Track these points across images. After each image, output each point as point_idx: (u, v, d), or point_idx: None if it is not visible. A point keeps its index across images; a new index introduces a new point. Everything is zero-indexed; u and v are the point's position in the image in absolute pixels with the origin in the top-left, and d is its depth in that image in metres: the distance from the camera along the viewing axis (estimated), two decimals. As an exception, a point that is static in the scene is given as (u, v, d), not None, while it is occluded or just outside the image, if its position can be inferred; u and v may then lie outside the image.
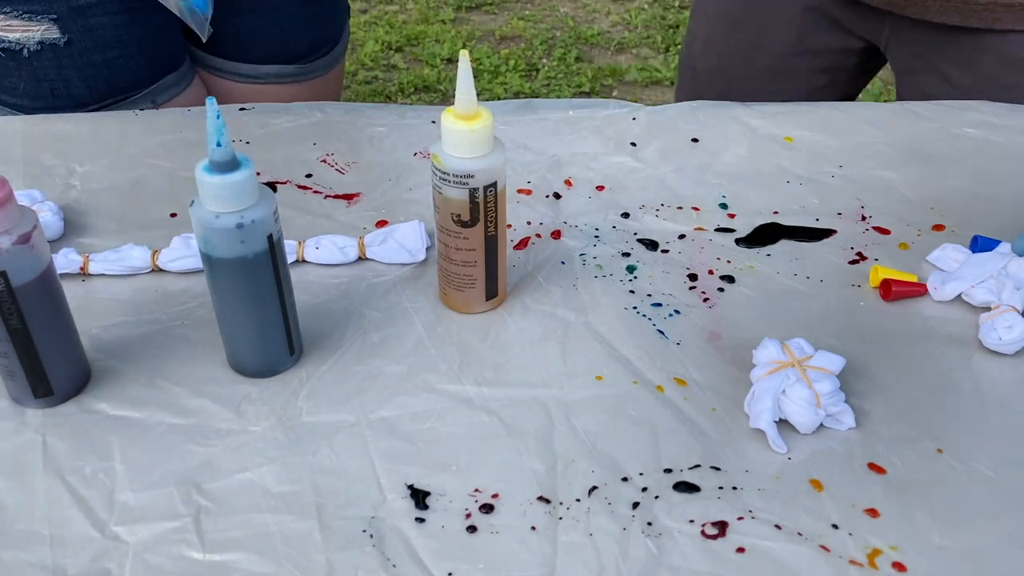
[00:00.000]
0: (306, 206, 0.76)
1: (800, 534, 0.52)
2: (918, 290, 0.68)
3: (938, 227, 0.74)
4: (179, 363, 0.62)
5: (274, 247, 0.56)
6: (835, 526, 0.53)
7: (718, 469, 0.56)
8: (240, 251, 0.55)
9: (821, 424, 0.58)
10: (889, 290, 0.67)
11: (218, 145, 0.52)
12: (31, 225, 0.54)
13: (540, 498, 0.54)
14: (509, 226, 0.74)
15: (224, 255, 0.55)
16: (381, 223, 0.75)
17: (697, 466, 0.56)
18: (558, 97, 2.39)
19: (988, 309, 0.65)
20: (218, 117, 0.51)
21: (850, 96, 1.07)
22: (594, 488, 0.55)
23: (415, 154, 0.83)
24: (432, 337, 0.65)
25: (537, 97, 2.37)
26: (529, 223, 0.75)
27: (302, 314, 0.65)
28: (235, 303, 0.58)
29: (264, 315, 0.58)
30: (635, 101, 0.92)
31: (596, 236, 0.74)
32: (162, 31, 0.91)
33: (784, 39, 0.99)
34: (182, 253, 0.69)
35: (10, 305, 0.54)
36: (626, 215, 0.76)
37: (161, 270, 0.69)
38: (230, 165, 0.53)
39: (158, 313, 0.66)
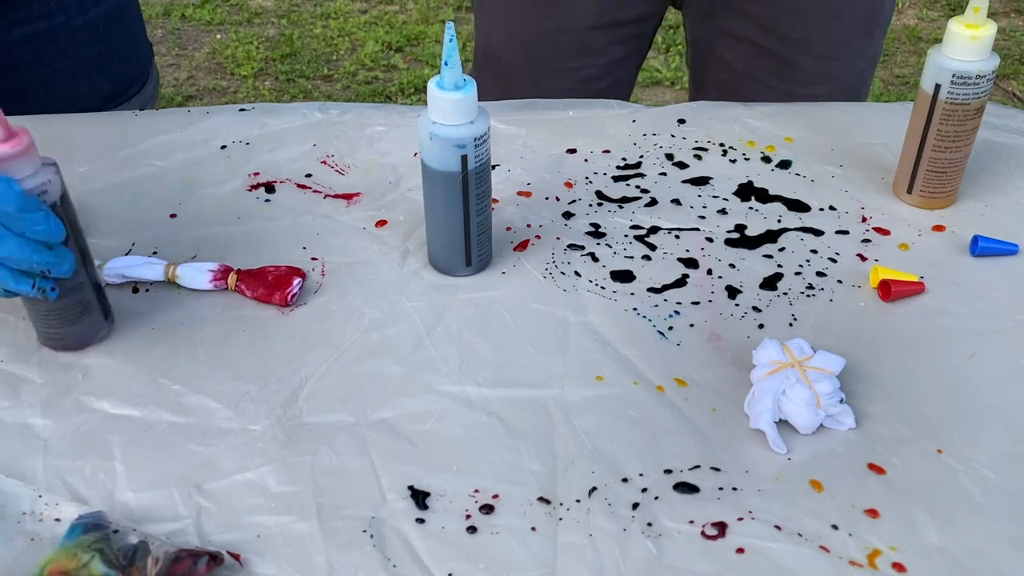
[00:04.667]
0: (306, 206, 0.76)
1: (800, 535, 0.52)
2: (917, 289, 0.68)
3: (938, 227, 0.74)
4: (179, 361, 0.62)
5: (466, 166, 0.64)
6: (835, 526, 0.53)
7: (718, 470, 0.56)
8: (433, 162, 0.64)
9: (821, 424, 0.58)
10: (888, 291, 0.67)
11: (446, 64, 0.61)
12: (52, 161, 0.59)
13: (540, 499, 0.54)
14: (508, 228, 0.74)
15: (426, 162, 0.65)
16: (381, 223, 0.75)
17: (697, 467, 0.56)
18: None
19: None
20: (451, 40, 0.60)
21: (640, 63, 1.07)
22: (594, 489, 0.55)
23: (415, 154, 0.82)
24: (432, 337, 0.65)
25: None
26: (529, 225, 0.75)
27: (305, 311, 0.65)
28: (429, 205, 0.68)
29: (447, 223, 0.67)
30: (635, 102, 0.92)
31: (596, 237, 0.74)
32: None
33: (585, 16, 0.99)
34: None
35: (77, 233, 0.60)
36: (626, 216, 0.76)
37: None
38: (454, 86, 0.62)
39: (158, 312, 0.66)
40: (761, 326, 0.66)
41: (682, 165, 0.81)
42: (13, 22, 0.89)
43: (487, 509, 0.54)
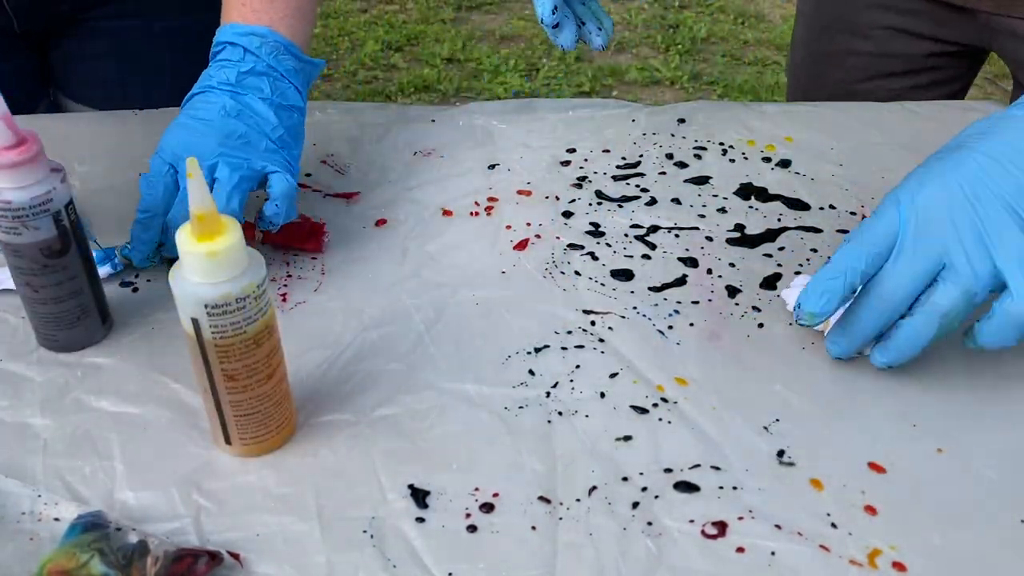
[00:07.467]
0: (306, 205, 0.76)
1: (800, 534, 0.52)
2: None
3: (938, 227, 0.74)
4: (179, 360, 0.62)
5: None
6: (835, 526, 0.53)
7: (718, 469, 0.56)
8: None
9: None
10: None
11: None
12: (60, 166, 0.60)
13: (540, 498, 0.54)
14: (508, 227, 0.74)
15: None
16: (381, 222, 0.75)
17: (697, 466, 0.56)
18: (558, 97, 2.39)
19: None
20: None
21: (956, 94, 1.02)
22: (594, 488, 0.55)
23: (415, 153, 0.83)
24: (432, 335, 0.65)
25: (537, 97, 2.37)
26: (529, 224, 0.75)
27: (304, 309, 0.64)
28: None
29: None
30: (635, 101, 0.92)
31: (596, 236, 0.74)
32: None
33: (874, 43, 0.97)
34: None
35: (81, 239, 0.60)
36: (626, 215, 0.76)
37: None
38: None
39: (157, 310, 0.66)
40: (761, 325, 0.66)
41: (682, 164, 0.81)
42: (93, 16, 0.91)
43: (487, 508, 0.54)
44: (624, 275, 0.70)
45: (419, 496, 0.54)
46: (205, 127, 0.67)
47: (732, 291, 0.69)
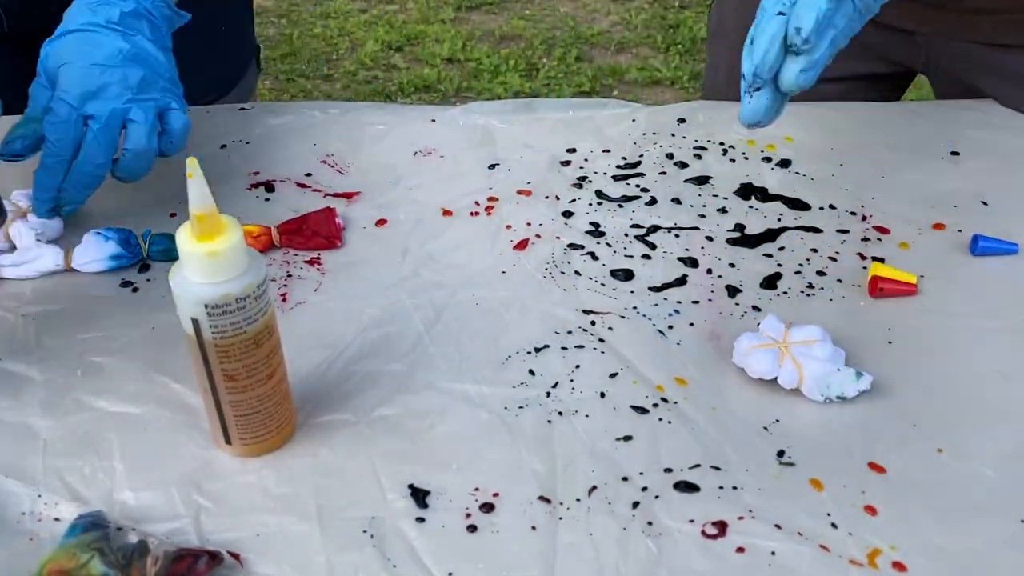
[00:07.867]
0: (306, 205, 0.76)
1: (800, 534, 0.52)
2: (906, 290, 0.68)
3: (938, 226, 0.74)
4: (179, 360, 0.62)
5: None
6: (835, 526, 0.53)
7: (718, 469, 0.56)
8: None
9: (827, 399, 0.59)
10: (876, 287, 0.67)
11: None
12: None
13: (540, 497, 0.54)
14: (508, 227, 0.74)
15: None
16: (381, 222, 0.75)
17: (697, 466, 0.56)
18: (558, 97, 2.39)
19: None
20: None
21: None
22: (594, 488, 0.55)
23: (415, 154, 0.83)
24: (432, 335, 0.65)
25: (537, 97, 2.37)
26: (529, 224, 0.75)
27: (305, 310, 0.64)
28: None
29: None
30: (635, 101, 0.91)
31: (596, 236, 0.74)
32: None
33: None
34: (94, 255, 0.69)
35: None
36: (626, 215, 0.76)
37: (75, 270, 0.69)
38: None
39: (157, 310, 0.66)
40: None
41: (682, 164, 0.81)
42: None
43: (487, 508, 0.54)
44: (624, 275, 0.70)
45: (419, 496, 0.54)
46: (108, 72, 0.68)
47: (732, 291, 0.69)
